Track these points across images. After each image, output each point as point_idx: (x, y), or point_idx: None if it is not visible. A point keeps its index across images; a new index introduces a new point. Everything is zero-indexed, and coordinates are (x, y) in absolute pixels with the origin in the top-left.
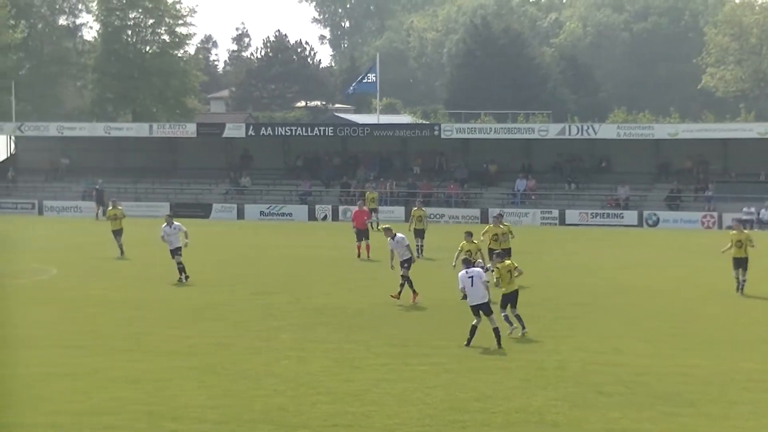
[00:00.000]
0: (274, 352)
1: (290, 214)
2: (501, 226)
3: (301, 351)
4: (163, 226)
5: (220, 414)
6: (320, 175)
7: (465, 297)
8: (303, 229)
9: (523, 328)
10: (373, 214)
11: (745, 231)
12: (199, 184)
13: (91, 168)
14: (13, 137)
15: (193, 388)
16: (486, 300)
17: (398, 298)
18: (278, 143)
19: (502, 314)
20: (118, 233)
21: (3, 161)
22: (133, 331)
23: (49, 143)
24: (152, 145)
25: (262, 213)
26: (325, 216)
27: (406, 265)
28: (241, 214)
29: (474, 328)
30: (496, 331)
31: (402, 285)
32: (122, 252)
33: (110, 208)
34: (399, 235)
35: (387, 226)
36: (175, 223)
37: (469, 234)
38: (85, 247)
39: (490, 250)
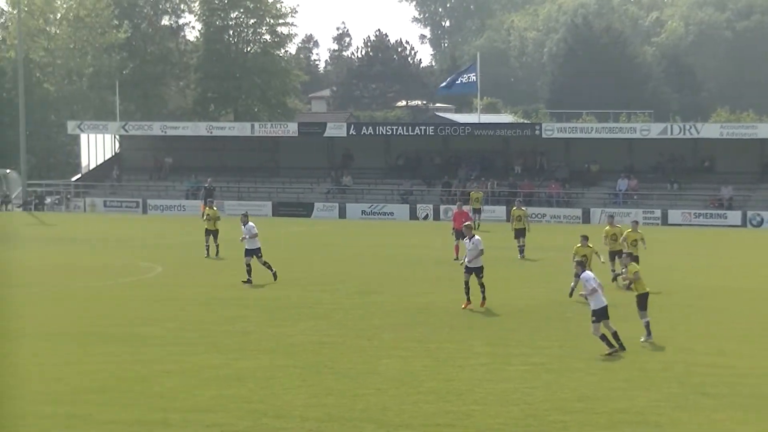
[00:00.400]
0: (376, 351)
1: (391, 213)
2: (617, 226)
3: (402, 350)
4: (241, 225)
5: (323, 412)
6: (421, 174)
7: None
8: (404, 228)
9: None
10: (476, 214)
11: None
12: (300, 183)
13: (194, 167)
14: (117, 136)
15: (296, 387)
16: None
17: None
18: (379, 142)
19: (644, 321)
20: (212, 234)
21: (108, 160)
22: (238, 329)
23: (152, 142)
24: (254, 145)
25: (363, 212)
26: (427, 215)
27: (475, 272)
28: (342, 213)
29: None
30: (615, 334)
31: (467, 291)
32: (217, 252)
33: (207, 208)
34: (476, 237)
35: (468, 223)
36: (250, 223)
37: (585, 238)
38: (189, 245)
39: (613, 252)
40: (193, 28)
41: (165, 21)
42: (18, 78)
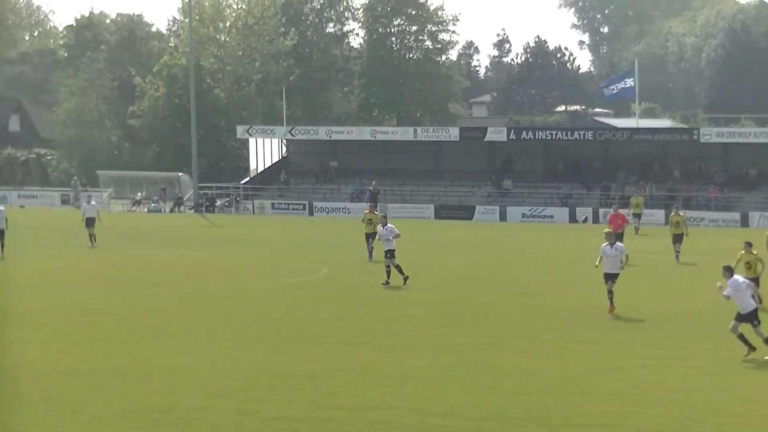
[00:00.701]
0: (537, 352)
1: (551, 217)
2: None
3: (563, 351)
4: (378, 227)
5: (485, 411)
6: (580, 178)
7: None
8: (564, 231)
9: None
10: (635, 218)
11: None
12: (462, 187)
13: (358, 170)
14: (284, 141)
15: (459, 386)
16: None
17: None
18: (539, 147)
19: None
20: (371, 237)
21: (275, 164)
22: (402, 329)
23: (318, 146)
24: (417, 149)
25: (523, 215)
26: (586, 218)
27: (612, 278)
28: (503, 216)
29: (743, 336)
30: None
31: (611, 297)
32: (370, 256)
33: (367, 211)
34: (620, 244)
35: (608, 231)
36: (389, 225)
37: (749, 244)
38: (354, 247)
39: None
40: (357, 35)
41: (330, 29)
42: (190, 84)
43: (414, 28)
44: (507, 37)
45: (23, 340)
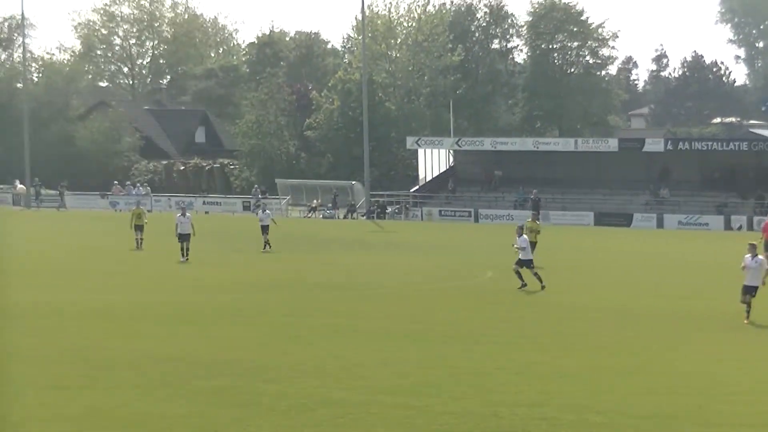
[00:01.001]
0: (688, 353)
1: (707, 224)
2: None
3: (715, 353)
4: (518, 237)
5: (643, 410)
6: (736, 187)
7: None
8: (718, 238)
9: None
10: None
11: None
12: (621, 195)
13: (521, 179)
14: (451, 151)
15: (615, 384)
16: None
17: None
18: (695, 157)
19: None
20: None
21: (443, 173)
22: (561, 331)
23: (483, 156)
24: (577, 159)
25: (680, 222)
26: (740, 226)
27: (752, 291)
28: (660, 224)
29: None
30: None
31: (748, 310)
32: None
33: (529, 220)
34: (760, 257)
35: (753, 242)
36: (523, 235)
37: None
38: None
39: None
40: (521, 51)
41: (495, 45)
42: (363, 98)
43: (575, 44)
44: (665, 52)
45: (223, 335)
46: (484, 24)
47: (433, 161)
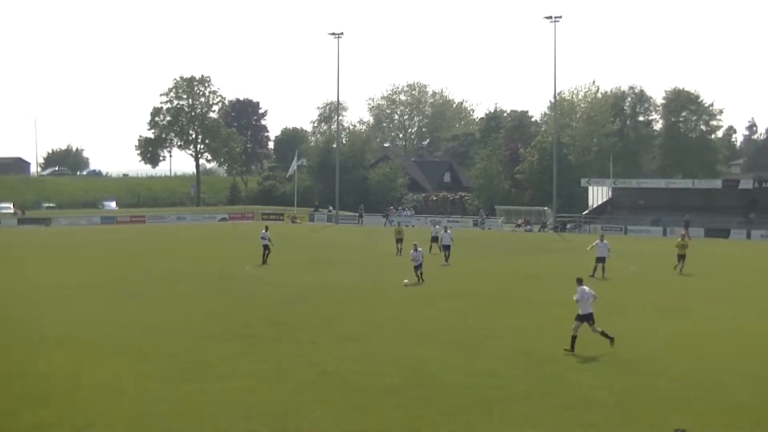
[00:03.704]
0: None
1: None
2: None
3: None
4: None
5: None
6: None
7: None
8: None
9: None
10: None
11: None
12: (722, 217)
13: (656, 207)
14: (611, 188)
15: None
16: None
17: None
18: None
19: None
20: None
21: (604, 202)
22: None
23: (631, 192)
24: (694, 193)
25: (762, 236)
26: None
27: None
28: (748, 236)
29: None
30: None
31: None
32: None
33: (679, 239)
34: None
35: None
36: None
37: None
38: None
39: None
40: (657, 121)
41: (640, 117)
42: (553, 153)
43: (694, 117)
44: (755, 121)
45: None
46: (633, 104)
47: (598, 194)
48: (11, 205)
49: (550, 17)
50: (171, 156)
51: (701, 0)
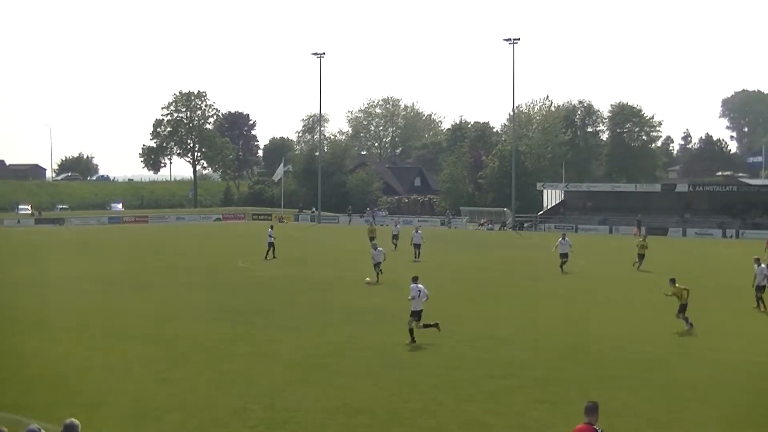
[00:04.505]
0: None
1: (711, 234)
2: None
3: None
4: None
5: None
6: (731, 213)
7: None
8: (718, 243)
9: None
10: None
11: None
12: (661, 217)
13: (603, 208)
14: (563, 191)
15: None
16: None
17: None
18: (706, 195)
19: None
20: None
21: (558, 204)
22: None
23: (581, 194)
24: (636, 196)
25: (695, 233)
26: (732, 236)
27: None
28: (684, 234)
29: None
30: None
31: None
32: None
33: (640, 239)
34: None
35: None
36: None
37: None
38: None
39: None
40: (604, 131)
41: (589, 129)
42: (512, 160)
43: (636, 128)
44: (689, 132)
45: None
46: (583, 116)
47: (552, 197)
48: (29, 207)
49: (510, 39)
50: (171, 163)
51: (644, 23)
